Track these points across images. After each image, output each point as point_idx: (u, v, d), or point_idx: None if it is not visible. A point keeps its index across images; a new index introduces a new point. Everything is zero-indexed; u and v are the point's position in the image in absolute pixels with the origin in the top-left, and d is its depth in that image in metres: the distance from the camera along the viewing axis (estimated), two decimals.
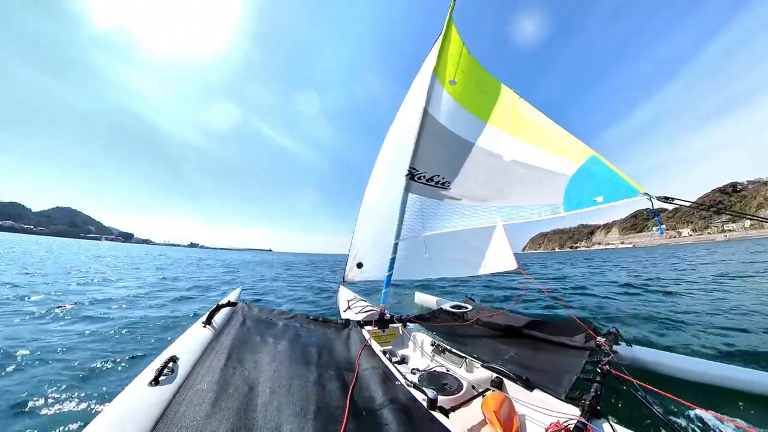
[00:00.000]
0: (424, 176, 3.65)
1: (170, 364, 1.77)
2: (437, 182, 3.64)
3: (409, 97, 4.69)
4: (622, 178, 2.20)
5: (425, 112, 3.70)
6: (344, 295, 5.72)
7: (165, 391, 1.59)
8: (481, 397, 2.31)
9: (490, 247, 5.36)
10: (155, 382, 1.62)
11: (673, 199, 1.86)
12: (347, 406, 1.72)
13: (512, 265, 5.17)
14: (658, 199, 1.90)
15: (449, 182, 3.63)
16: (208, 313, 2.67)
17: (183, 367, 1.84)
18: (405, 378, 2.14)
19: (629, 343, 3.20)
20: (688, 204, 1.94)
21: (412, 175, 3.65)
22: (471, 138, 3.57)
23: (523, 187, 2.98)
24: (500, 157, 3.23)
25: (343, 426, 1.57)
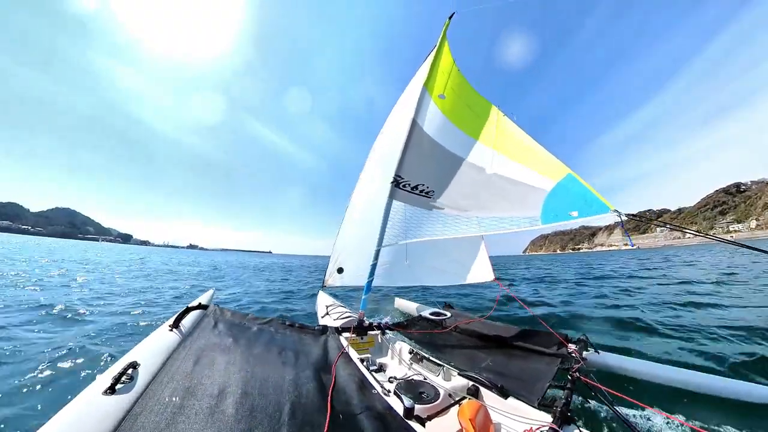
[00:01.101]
0: (408, 184, 3.67)
1: (129, 371, 1.64)
2: (422, 191, 3.67)
3: (399, 105, 4.73)
4: (595, 195, 2.31)
5: (413, 123, 3.73)
6: (323, 300, 5.55)
7: (122, 401, 1.45)
8: (457, 405, 2.29)
9: (469, 258, 5.40)
10: (111, 390, 1.47)
11: (639, 215, 1.91)
12: (328, 413, 1.70)
13: (490, 277, 5.26)
14: (627, 215, 1.97)
15: (433, 192, 3.66)
16: (175, 316, 2.49)
17: (144, 374, 1.70)
18: (382, 386, 2.13)
19: (597, 349, 3.25)
20: (655, 221, 2.00)
21: (397, 183, 3.67)
22: (457, 150, 3.61)
23: (505, 200, 3.05)
24: (484, 170, 3.28)
25: None
